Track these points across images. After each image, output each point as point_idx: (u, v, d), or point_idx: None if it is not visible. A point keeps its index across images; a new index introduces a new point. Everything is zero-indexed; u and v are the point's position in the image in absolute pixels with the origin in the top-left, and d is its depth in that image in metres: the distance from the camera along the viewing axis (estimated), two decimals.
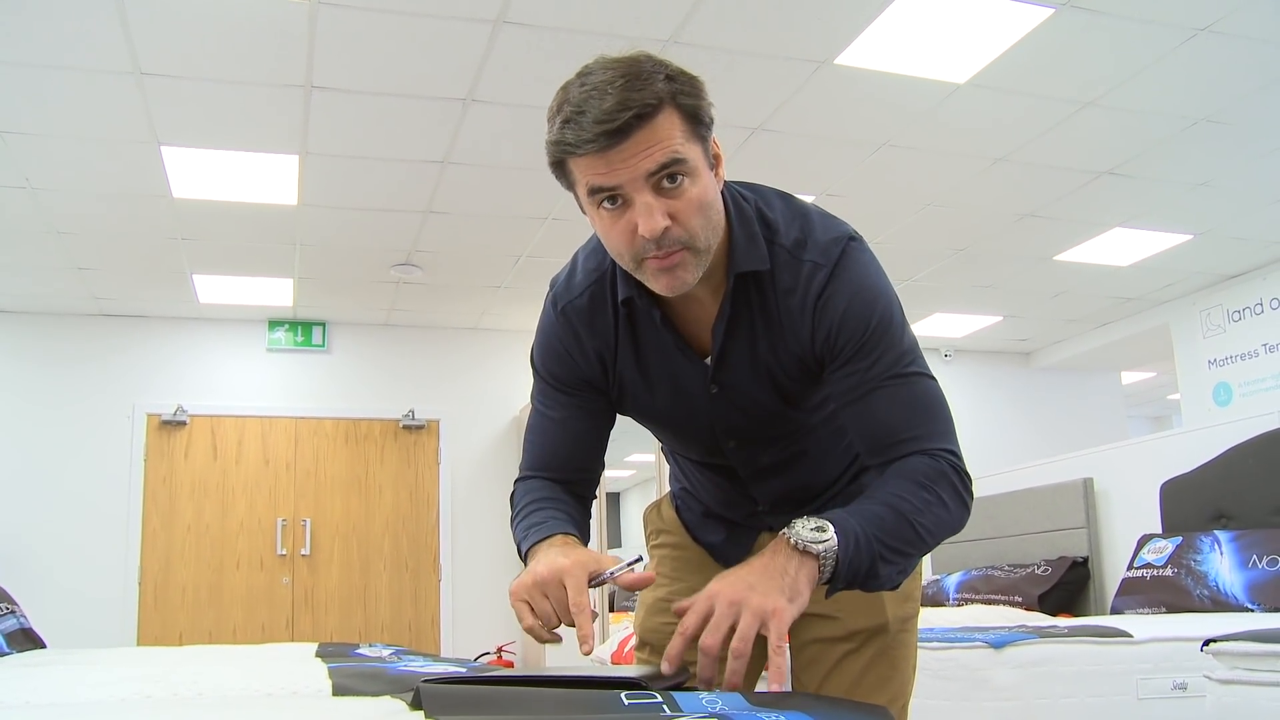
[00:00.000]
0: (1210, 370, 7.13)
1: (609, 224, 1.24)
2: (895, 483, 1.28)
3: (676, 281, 1.26)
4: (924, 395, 1.33)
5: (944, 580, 5.57)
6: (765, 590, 1.14)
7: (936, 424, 1.33)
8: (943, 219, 5.78)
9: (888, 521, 1.23)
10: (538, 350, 1.51)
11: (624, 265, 1.30)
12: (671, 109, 1.20)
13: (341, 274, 6.48)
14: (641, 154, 1.18)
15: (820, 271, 1.33)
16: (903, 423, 1.31)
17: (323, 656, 2.52)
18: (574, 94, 1.20)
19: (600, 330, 1.43)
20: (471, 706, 1.03)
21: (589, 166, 1.20)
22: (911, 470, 1.28)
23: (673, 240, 1.22)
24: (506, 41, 3.84)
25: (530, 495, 1.46)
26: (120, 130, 4.41)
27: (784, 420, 1.47)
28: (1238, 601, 3.96)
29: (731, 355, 1.39)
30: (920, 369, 1.34)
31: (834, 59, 4.05)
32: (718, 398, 1.43)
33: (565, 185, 1.29)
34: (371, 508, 7.38)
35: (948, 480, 1.29)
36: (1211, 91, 4.38)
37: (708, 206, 1.25)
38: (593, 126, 1.17)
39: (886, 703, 1.54)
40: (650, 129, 1.18)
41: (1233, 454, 4.39)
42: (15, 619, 3.54)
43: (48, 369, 6.89)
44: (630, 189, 1.20)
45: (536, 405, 1.54)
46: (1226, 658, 2.19)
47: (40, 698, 1.55)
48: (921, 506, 1.26)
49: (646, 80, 1.18)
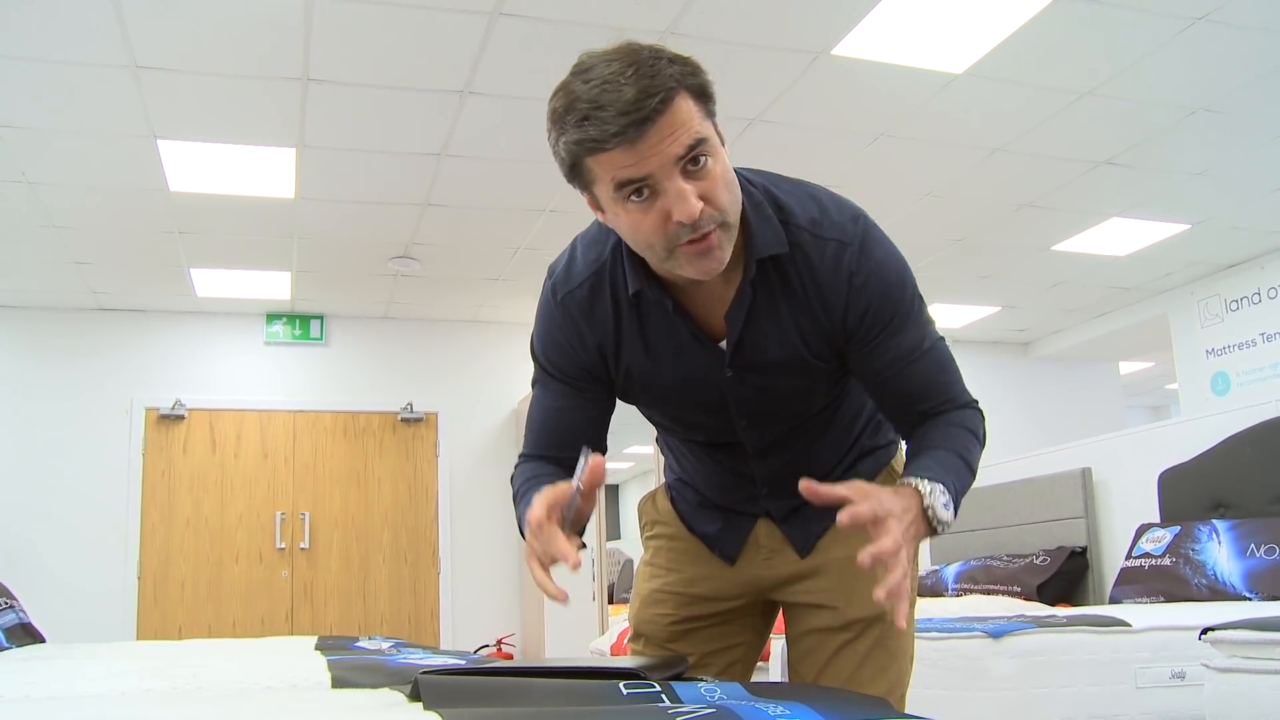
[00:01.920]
0: (1208, 360, 7.14)
1: (638, 217, 1.24)
2: (958, 434, 1.44)
3: (714, 263, 1.27)
4: (947, 359, 1.49)
5: (943, 570, 5.58)
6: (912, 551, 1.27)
7: (959, 381, 1.50)
8: (941, 209, 5.78)
9: (964, 475, 1.40)
10: (537, 339, 1.51)
11: (653, 256, 1.29)
12: (684, 91, 1.20)
13: (339, 267, 6.47)
14: (668, 139, 1.18)
15: (847, 250, 1.36)
16: (937, 388, 1.47)
17: (322, 649, 2.52)
18: (581, 91, 1.18)
19: (600, 321, 1.43)
20: (470, 698, 1.03)
21: (615, 161, 1.19)
22: (962, 420, 1.46)
23: (707, 220, 1.23)
24: (503, 33, 3.83)
25: (527, 474, 1.49)
26: (116, 124, 4.40)
27: (797, 398, 1.50)
28: (1236, 590, 3.96)
29: (750, 338, 1.40)
30: (938, 336, 1.48)
31: (831, 49, 4.04)
32: (733, 380, 1.44)
33: (580, 186, 1.27)
34: (370, 501, 7.38)
35: (982, 425, 1.49)
36: (1209, 81, 4.38)
37: (731, 182, 1.27)
38: (618, 119, 1.16)
39: (884, 692, 1.55)
40: (672, 114, 1.18)
41: (1231, 443, 4.40)
42: (14, 614, 3.54)
43: (46, 364, 6.88)
44: (661, 176, 1.20)
45: (537, 392, 1.55)
46: (1224, 646, 2.20)
47: (40, 691, 1.55)
48: (977, 452, 1.45)
49: (654, 67, 1.18)
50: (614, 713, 0.94)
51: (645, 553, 1.80)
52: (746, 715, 0.90)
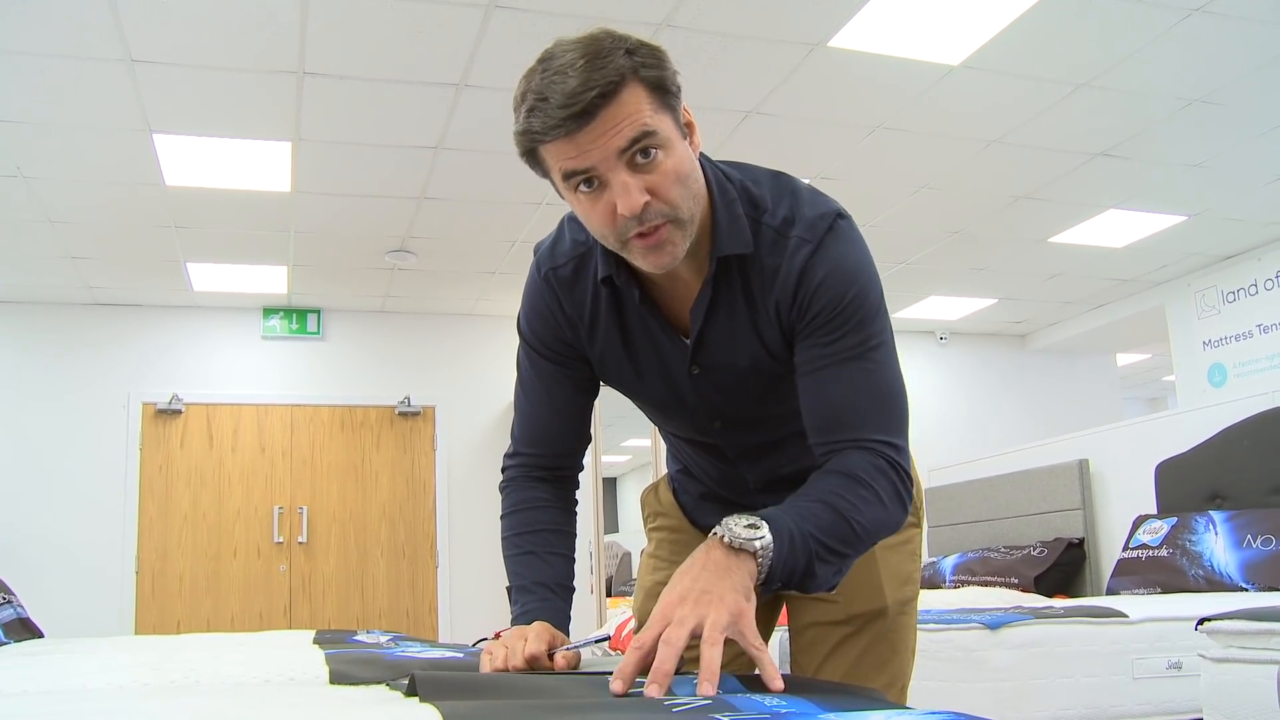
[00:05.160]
0: (1205, 351, 7.14)
1: (588, 207, 1.23)
2: (832, 479, 1.25)
3: (665, 257, 1.24)
4: (881, 384, 1.30)
5: (940, 562, 5.59)
6: (721, 592, 1.10)
7: (886, 416, 1.30)
8: (937, 201, 5.77)
9: (824, 519, 1.21)
10: (523, 314, 1.52)
11: (609, 246, 1.28)
12: (635, 83, 1.18)
13: (336, 261, 6.47)
14: (610, 132, 1.16)
15: (805, 246, 1.31)
16: (851, 408, 1.29)
17: (320, 643, 2.52)
18: (536, 81, 1.18)
19: (579, 301, 1.43)
20: (466, 691, 1.03)
21: (559, 152, 1.19)
22: (850, 466, 1.26)
23: (654, 215, 1.20)
24: (499, 26, 3.82)
25: (520, 524, 1.51)
26: (112, 118, 4.39)
27: (768, 402, 1.45)
28: (1232, 581, 3.97)
29: (711, 337, 1.38)
30: (883, 357, 1.31)
31: (827, 41, 4.03)
32: (699, 379, 1.42)
33: (540, 174, 1.27)
34: (368, 495, 7.38)
35: (886, 478, 1.27)
36: (1206, 72, 4.38)
37: (685, 176, 1.23)
38: (557, 111, 1.15)
39: (885, 685, 1.55)
40: (616, 106, 1.16)
41: (1228, 435, 4.41)
42: (12, 609, 3.54)
43: (42, 359, 6.88)
44: (604, 169, 1.18)
45: (524, 374, 1.54)
46: (1221, 636, 2.20)
47: (38, 686, 1.55)
48: (859, 504, 1.23)
49: (607, 57, 1.16)
50: (611, 704, 0.94)
51: (648, 544, 1.80)
52: (743, 707, 0.90)
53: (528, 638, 1.31)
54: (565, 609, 1.48)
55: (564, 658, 1.30)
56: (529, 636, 1.32)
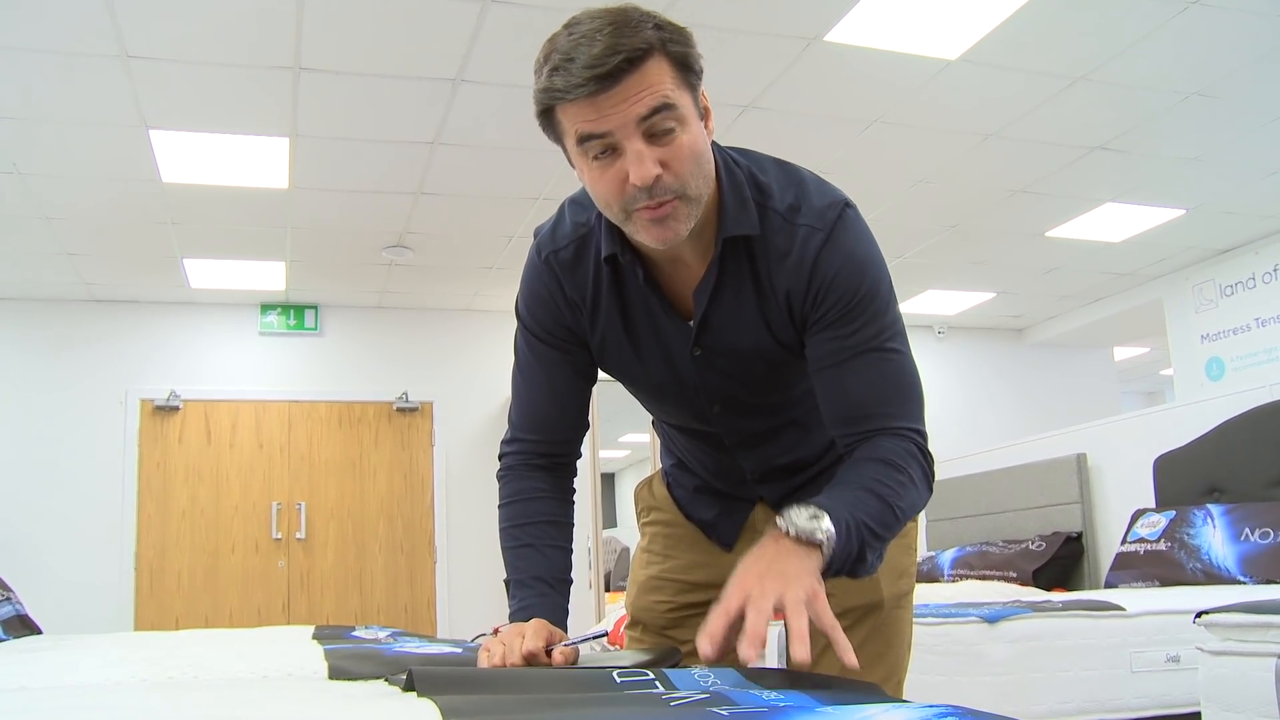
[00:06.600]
0: (1203, 345, 7.15)
1: (598, 174, 1.23)
2: (871, 466, 1.28)
3: (669, 232, 1.25)
4: (900, 372, 1.34)
5: (939, 556, 5.60)
6: (797, 573, 1.12)
7: (908, 403, 1.34)
8: (934, 196, 5.77)
9: (872, 506, 1.23)
10: (522, 298, 1.52)
11: (612, 217, 1.28)
12: (661, 56, 1.19)
13: (333, 257, 6.46)
14: (632, 99, 1.17)
15: (815, 235, 1.32)
16: (875, 398, 1.32)
17: (319, 639, 2.52)
18: (562, 43, 1.20)
19: (580, 283, 1.43)
20: (464, 686, 1.03)
21: (578, 113, 1.19)
22: (885, 452, 1.29)
23: (664, 189, 1.21)
24: (495, 21, 3.81)
25: (518, 515, 1.51)
26: (108, 114, 4.38)
27: (769, 387, 1.46)
28: (1230, 574, 3.98)
29: (715, 319, 1.38)
30: (900, 346, 1.34)
31: (824, 36, 4.03)
32: (701, 361, 1.42)
33: (553, 137, 1.27)
34: (366, 490, 7.38)
35: (917, 461, 1.31)
36: (1203, 66, 4.37)
37: (699, 155, 1.24)
38: (582, 71, 1.16)
39: (881, 679, 1.54)
40: (640, 74, 1.17)
41: (1225, 428, 4.41)
42: (11, 605, 3.54)
43: (39, 356, 6.87)
44: (621, 135, 1.19)
45: (522, 358, 1.54)
46: (1219, 629, 2.20)
47: (36, 682, 1.55)
48: (898, 489, 1.26)
49: (636, 27, 1.18)
50: (608, 699, 0.94)
51: (642, 539, 1.79)
52: (741, 701, 0.90)
53: (525, 635, 1.32)
54: (563, 603, 1.48)
55: (562, 654, 1.30)
56: (527, 634, 1.32)
